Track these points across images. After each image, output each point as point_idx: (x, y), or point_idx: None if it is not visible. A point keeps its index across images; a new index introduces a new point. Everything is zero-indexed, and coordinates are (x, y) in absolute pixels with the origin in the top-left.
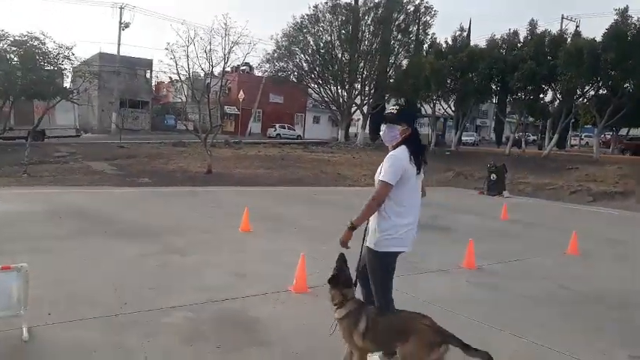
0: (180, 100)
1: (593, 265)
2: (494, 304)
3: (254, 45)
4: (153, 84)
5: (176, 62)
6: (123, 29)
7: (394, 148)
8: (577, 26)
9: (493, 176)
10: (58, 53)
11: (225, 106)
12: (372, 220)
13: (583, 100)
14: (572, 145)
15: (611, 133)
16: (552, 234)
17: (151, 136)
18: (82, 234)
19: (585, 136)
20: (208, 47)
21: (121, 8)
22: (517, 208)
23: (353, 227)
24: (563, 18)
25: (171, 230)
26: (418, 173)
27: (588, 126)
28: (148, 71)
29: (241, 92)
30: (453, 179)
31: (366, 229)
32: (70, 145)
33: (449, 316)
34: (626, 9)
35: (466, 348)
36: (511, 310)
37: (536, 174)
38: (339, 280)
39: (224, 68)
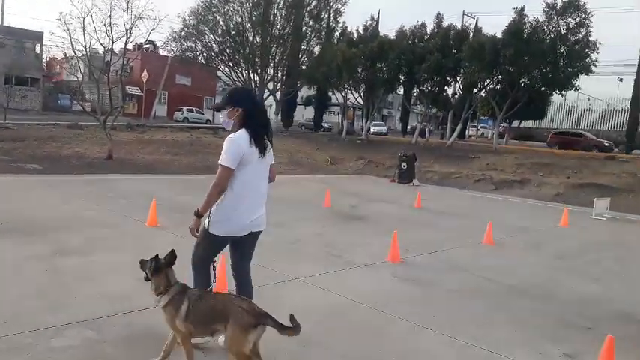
0: (76, 79)
1: (509, 254)
2: (424, 301)
3: (159, 21)
4: (44, 59)
5: (70, 35)
6: None
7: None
8: (476, 23)
9: (404, 165)
10: None
11: (127, 87)
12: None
13: (482, 92)
14: (470, 136)
15: (504, 125)
16: (465, 222)
17: (42, 117)
18: None
19: (482, 127)
20: (108, 20)
21: None
22: (428, 196)
23: (199, 215)
24: (464, 14)
25: (65, 226)
26: (261, 156)
27: (483, 118)
28: (39, 45)
29: (145, 72)
30: (365, 167)
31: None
32: None
33: (380, 317)
34: (522, 8)
35: (280, 327)
36: (441, 307)
37: (442, 163)
38: (162, 268)
39: (126, 44)
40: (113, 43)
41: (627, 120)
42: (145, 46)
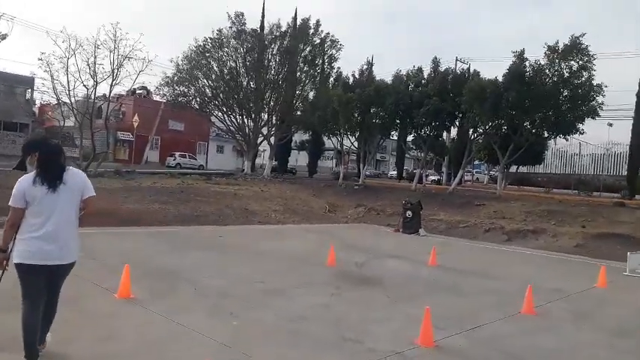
0: (68, 124)
1: (559, 330)
2: None
3: (149, 62)
4: (37, 105)
5: (52, 77)
6: None
7: None
8: (468, 68)
9: (409, 213)
10: None
11: (119, 132)
12: None
13: (482, 137)
14: (466, 181)
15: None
16: (492, 284)
17: None
18: None
19: (476, 172)
20: (92, 59)
21: None
22: (439, 249)
23: (2, 249)
24: (457, 60)
25: (7, 300)
26: (51, 191)
27: (477, 162)
28: (29, 90)
29: (135, 116)
30: (365, 215)
31: None
32: None
33: None
34: (522, 51)
35: None
36: None
37: (446, 210)
38: None
39: (111, 86)
40: (97, 84)
41: (627, 164)
42: (138, 91)
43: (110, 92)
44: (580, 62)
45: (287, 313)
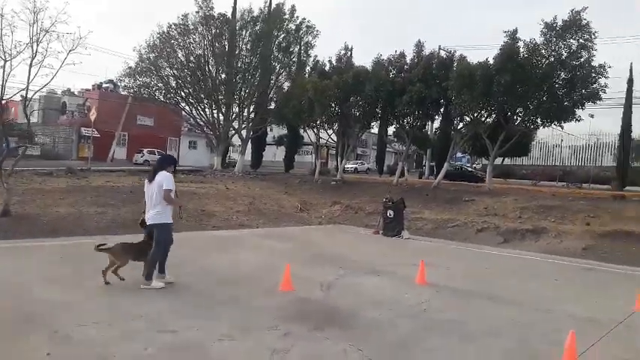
0: (26, 122)
1: None
2: None
3: (80, 38)
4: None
5: None
6: None
7: None
8: (453, 53)
9: (390, 213)
10: None
11: (82, 128)
12: None
13: (468, 127)
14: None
15: (479, 162)
16: (504, 313)
17: None
18: None
19: (459, 165)
20: None
21: None
22: (427, 257)
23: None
24: (440, 48)
25: None
26: (148, 184)
27: (459, 155)
28: None
29: (93, 109)
30: (341, 214)
31: None
32: None
33: None
34: (515, 31)
35: None
36: None
37: (432, 208)
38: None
39: (31, 65)
40: (6, 61)
41: (617, 155)
42: (105, 85)
43: (30, 73)
44: (580, 40)
45: None
